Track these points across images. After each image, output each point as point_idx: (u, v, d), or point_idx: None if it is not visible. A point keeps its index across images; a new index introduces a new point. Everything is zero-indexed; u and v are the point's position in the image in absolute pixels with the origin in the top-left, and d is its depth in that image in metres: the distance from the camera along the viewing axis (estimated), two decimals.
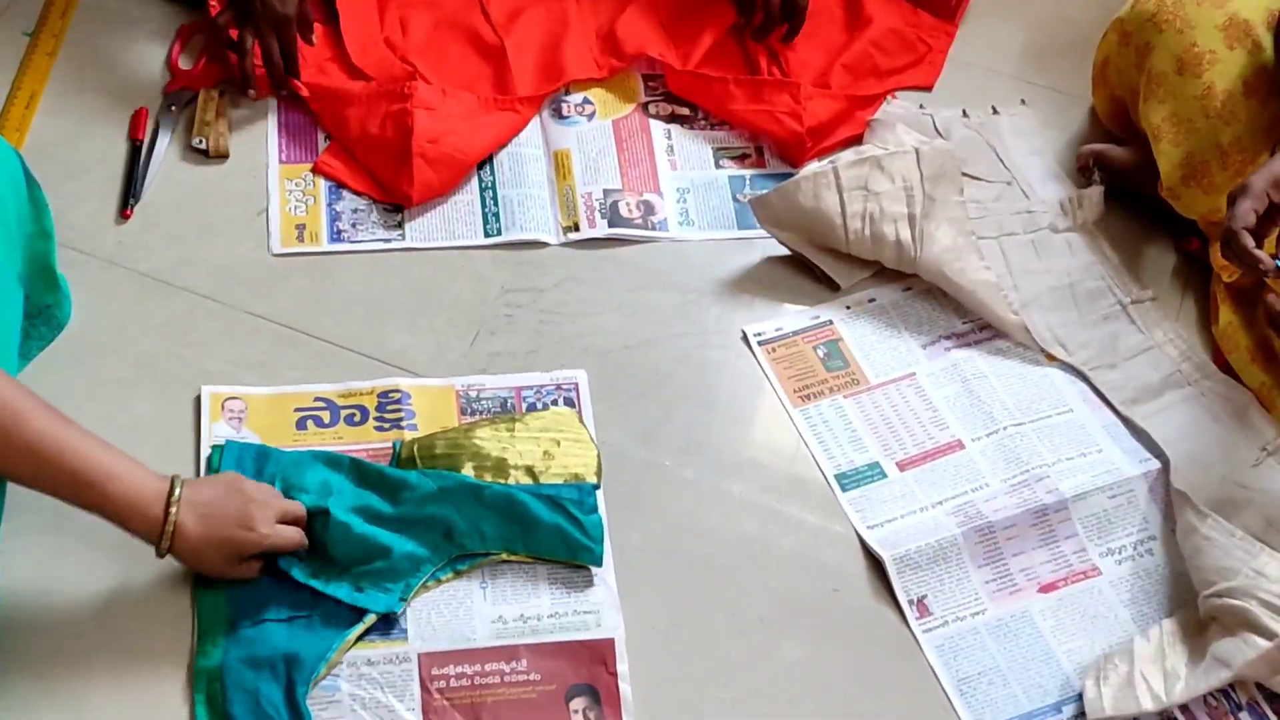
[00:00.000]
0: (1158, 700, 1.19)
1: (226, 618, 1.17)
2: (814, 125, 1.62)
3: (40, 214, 1.22)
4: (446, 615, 1.22)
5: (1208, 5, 1.45)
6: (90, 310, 1.35)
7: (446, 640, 1.20)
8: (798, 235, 1.51)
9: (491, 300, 1.46)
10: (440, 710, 1.16)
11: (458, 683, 1.18)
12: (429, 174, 1.50)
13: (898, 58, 1.74)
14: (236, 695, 1.12)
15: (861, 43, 1.72)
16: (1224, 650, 1.20)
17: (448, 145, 1.52)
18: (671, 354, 1.44)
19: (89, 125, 1.54)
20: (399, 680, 1.18)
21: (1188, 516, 1.31)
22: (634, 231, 1.53)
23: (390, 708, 1.16)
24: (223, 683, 1.13)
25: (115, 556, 1.19)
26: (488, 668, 1.19)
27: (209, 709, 1.12)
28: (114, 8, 1.67)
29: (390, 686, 1.17)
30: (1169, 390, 1.45)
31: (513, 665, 1.19)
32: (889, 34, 1.75)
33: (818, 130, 1.62)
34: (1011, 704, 1.24)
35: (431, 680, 1.18)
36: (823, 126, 1.63)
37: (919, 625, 1.27)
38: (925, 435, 1.40)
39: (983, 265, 1.50)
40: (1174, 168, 1.48)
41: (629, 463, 1.35)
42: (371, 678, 1.17)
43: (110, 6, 1.67)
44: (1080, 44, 1.68)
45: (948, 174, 1.52)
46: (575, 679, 1.19)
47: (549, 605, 1.24)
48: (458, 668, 1.19)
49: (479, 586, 1.24)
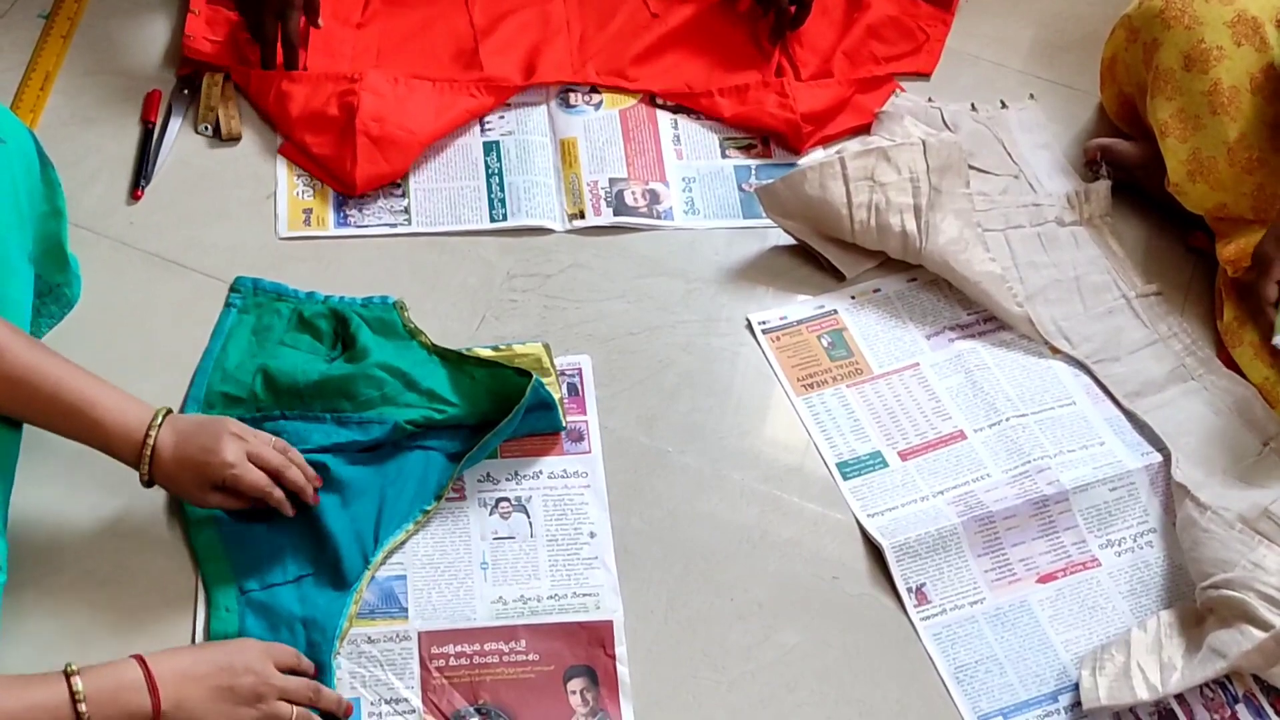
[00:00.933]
0: (1153, 690, 1.20)
1: (234, 582, 1.20)
2: (808, 112, 1.63)
3: (53, 193, 1.24)
4: (447, 595, 1.24)
5: (1216, 2, 1.45)
6: (100, 289, 1.37)
7: (446, 619, 1.22)
8: (803, 225, 1.52)
9: (497, 285, 1.47)
10: (439, 689, 1.18)
11: (457, 662, 1.20)
12: (374, 155, 1.50)
13: (896, 45, 1.77)
14: None
15: (860, 30, 1.74)
16: (1220, 641, 1.20)
17: (393, 124, 1.52)
18: (675, 341, 1.46)
19: (102, 107, 1.56)
20: (399, 658, 1.19)
21: (1188, 509, 1.32)
22: (639, 220, 1.55)
23: (390, 685, 1.17)
24: None
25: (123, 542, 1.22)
26: (487, 647, 1.20)
27: None
28: None
29: (390, 665, 1.19)
30: (1172, 384, 1.46)
31: (512, 645, 1.21)
32: (888, 22, 1.77)
33: (813, 116, 1.64)
34: (1008, 693, 1.25)
35: (431, 659, 1.19)
36: (818, 113, 1.65)
37: (917, 613, 1.28)
38: (928, 425, 1.41)
39: (988, 257, 1.51)
40: (1180, 163, 1.49)
41: (631, 448, 1.36)
42: (372, 655, 1.19)
43: None
44: (1089, 40, 1.70)
45: (954, 166, 1.53)
46: (573, 660, 1.21)
47: (549, 587, 1.25)
48: (457, 647, 1.20)
49: (479, 567, 1.26)
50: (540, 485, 1.32)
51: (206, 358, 1.35)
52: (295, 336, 1.37)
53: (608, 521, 1.30)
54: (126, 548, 1.22)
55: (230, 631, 1.17)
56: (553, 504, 1.31)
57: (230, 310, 1.39)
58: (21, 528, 1.19)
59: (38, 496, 1.22)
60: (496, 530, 1.29)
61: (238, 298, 1.40)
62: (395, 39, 1.66)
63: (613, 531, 1.29)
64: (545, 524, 1.29)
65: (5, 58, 1.60)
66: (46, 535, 1.22)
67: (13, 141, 1.17)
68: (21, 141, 1.19)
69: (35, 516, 1.22)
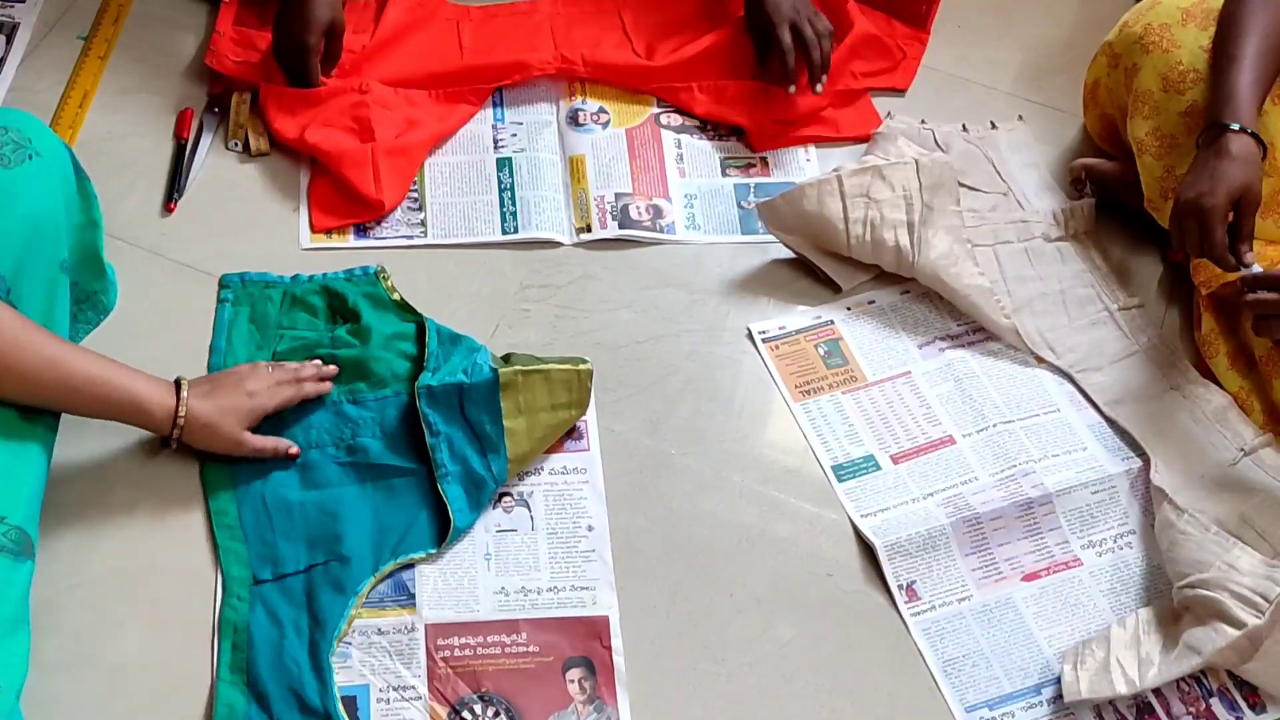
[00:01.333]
0: (1131, 684, 1.23)
1: (250, 571, 1.25)
2: (780, 117, 1.67)
3: (89, 205, 1.29)
4: (452, 584, 1.28)
5: (1193, 26, 1.47)
6: (135, 297, 1.43)
7: (452, 610, 1.26)
8: (802, 239, 1.56)
9: (510, 295, 1.51)
10: (444, 678, 1.22)
11: (461, 653, 1.24)
12: (392, 172, 1.56)
13: (874, 62, 1.79)
14: (262, 648, 1.20)
15: (844, 49, 1.75)
16: (1196, 638, 1.23)
17: (405, 138, 1.59)
18: (679, 349, 1.50)
19: (138, 124, 1.61)
20: (406, 649, 1.24)
21: (1165, 512, 1.35)
22: (643, 233, 1.59)
23: (398, 674, 1.22)
24: (249, 635, 1.21)
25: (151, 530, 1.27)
26: (489, 639, 1.25)
27: (233, 655, 1.20)
28: (162, 14, 1.74)
29: (399, 655, 1.23)
30: (1152, 393, 1.48)
31: (513, 638, 1.26)
32: (868, 40, 1.79)
33: (785, 122, 1.68)
34: (994, 685, 1.28)
35: (437, 650, 1.24)
36: (791, 120, 1.68)
37: (908, 609, 1.31)
38: (919, 430, 1.45)
39: (977, 271, 1.54)
40: (1155, 180, 1.51)
41: (636, 450, 1.40)
42: (381, 646, 1.24)
43: (159, 14, 1.74)
44: (1075, 65, 1.71)
45: (945, 185, 1.56)
46: (571, 651, 1.25)
47: (548, 579, 1.30)
48: (461, 639, 1.25)
49: (483, 558, 1.30)
50: (541, 481, 1.37)
51: (214, 354, 1.41)
52: (291, 317, 1.43)
53: (605, 516, 1.34)
54: (154, 541, 1.27)
55: (239, 623, 1.22)
56: (553, 499, 1.35)
57: (224, 305, 1.45)
58: (54, 519, 1.24)
59: (69, 488, 1.27)
60: (499, 523, 1.33)
61: (228, 293, 1.46)
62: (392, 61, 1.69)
63: (616, 530, 1.33)
64: (546, 518, 1.34)
65: (46, 77, 1.65)
66: (77, 527, 1.27)
67: (49, 156, 1.22)
68: (58, 155, 1.24)
69: (67, 508, 1.27)
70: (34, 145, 1.20)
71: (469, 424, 1.32)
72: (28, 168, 1.19)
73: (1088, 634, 1.31)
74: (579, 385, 1.36)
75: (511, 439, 1.32)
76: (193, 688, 1.19)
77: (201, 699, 1.19)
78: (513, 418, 1.32)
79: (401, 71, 1.68)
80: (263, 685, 1.18)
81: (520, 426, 1.33)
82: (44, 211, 1.21)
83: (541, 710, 1.22)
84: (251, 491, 1.30)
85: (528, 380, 1.33)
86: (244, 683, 1.19)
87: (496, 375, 1.32)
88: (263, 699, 1.18)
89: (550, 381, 1.34)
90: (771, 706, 1.25)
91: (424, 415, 1.32)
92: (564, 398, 1.35)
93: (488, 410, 1.32)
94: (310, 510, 1.29)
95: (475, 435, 1.32)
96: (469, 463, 1.31)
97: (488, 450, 1.32)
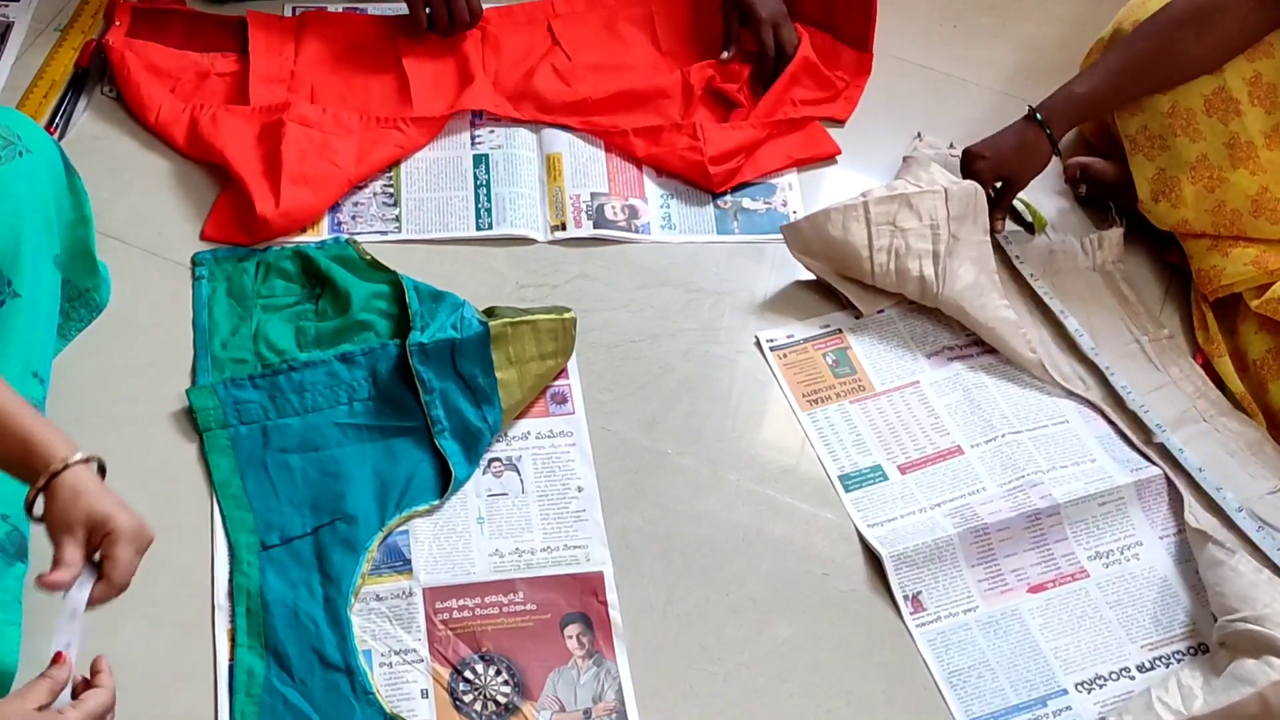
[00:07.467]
0: (1178, 715, 1.23)
1: (257, 537, 1.31)
2: (717, 154, 1.68)
3: (79, 201, 1.33)
4: (447, 548, 1.34)
5: None
6: (129, 296, 1.47)
7: (448, 574, 1.32)
8: (825, 264, 1.59)
9: (507, 294, 1.56)
10: (444, 640, 1.28)
11: (460, 614, 1.30)
12: (300, 192, 1.56)
13: (814, 91, 1.81)
14: (277, 610, 1.26)
15: (785, 78, 1.78)
16: (1246, 670, 1.24)
17: (322, 160, 1.59)
18: (675, 348, 1.54)
19: (132, 125, 1.66)
20: (405, 613, 1.29)
21: (1211, 550, 1.37)
22: (618, 233, 1.65)
23: (398, 638, 1.27)
24: (263, 599, 1.26)
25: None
26: (487, 600, 1.31)
27: (248, 620, 1.25)
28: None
29: (398, 619, 1.29)
30: (1184, 425, 1.51)
31: (510, 597, 1.31)
32: (809, 68, 1.81)
33: (722, 158, 1.69)
34: (999, 697, 1.31)
35: (436, 613, 1.30)
36: (727, 153, 1.70)
37: (913, 620, 1.35)
38: (926, 440, 1.49)
39: (1003, 304, 1.56)
40: (1146, 181, 1.58)
41: (632, 449, 1.44)
42: (380, 612, 1.29)
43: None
44: (1070, 64, 1.77)
45: (973, 214, 1.58)
46: (568, 608, 1.31)
47: (541, 539, 1.35)
48: (459, 601, 1.30)
49: (476, 522, 1.36)
50: (529, 445, 1.43)
51: (199, 332, 1.46)
52: (269, 285, 1.50)
53: (594, 477, 1.40)
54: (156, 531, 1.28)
55: (251, 588, 1.27)
56: (541, 462, 1.41)
57: (200, 283, 1.51)
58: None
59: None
60: (490, 488, 1.39)
61: (203, 270, 1.52)
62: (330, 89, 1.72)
63: (613, 529, 1.37)
64: (535, 480, 1.40)
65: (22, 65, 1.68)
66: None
67: (39, 152, 1.26)
68: (47, 152, 1.28)
69: None
70: (23, 142, 1.25)
71: (461, 378, 1.39)
72: (17, 165, 1.23)
73: (1093, 646, 1.35)
74: (564, 334, 1.45)
75: (505, 389, 1.40)
76: (193, 687, 1.22)
77: (201, 698, 1.22)
78: (504, 369, 1.40)
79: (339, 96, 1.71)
80: (281, 646, 1.24)
81: (512, 377, 1.41)
82: (35, 207, 1.25)
83: (542, 667, 1.27)
84: (254, 460, 1.36)
85: (516, 331, 1.41)
86: (261, 646, 1.24)
87: (487, 329, 1.39)
88: (282, 659, 1.23)
89: (538, 331, 1.43)
90: (768, 705, 1.28)
91: (417, 373, 1.39)
92: (551, 346, 1.44)
93: (479, 363, 1.39)
94: (311, 472, 1.36)
95: (469, 388, 1.39)
96: (464, 415, 1.39)
97: (482, 402, 1.39)
